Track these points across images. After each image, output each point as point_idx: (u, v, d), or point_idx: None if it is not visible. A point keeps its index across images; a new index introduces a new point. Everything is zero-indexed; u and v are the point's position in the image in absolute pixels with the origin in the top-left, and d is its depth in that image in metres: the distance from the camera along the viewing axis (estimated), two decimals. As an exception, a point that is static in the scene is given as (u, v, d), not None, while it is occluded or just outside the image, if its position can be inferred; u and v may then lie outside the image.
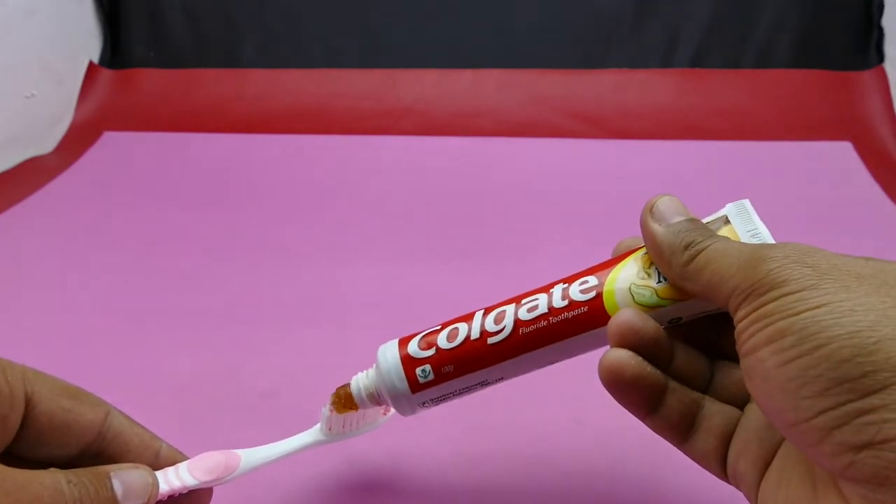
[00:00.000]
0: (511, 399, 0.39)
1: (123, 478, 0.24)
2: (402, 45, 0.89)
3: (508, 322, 0.27)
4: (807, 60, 0.84)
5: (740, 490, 0.24)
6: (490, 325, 0.27)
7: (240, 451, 0.29)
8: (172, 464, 0.27)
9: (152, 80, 0.90)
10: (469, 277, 0.54)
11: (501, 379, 0.28)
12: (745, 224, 0.26)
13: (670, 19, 0.85)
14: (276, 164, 0.76)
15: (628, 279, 0.26)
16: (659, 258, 0.25)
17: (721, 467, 0.24)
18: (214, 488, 0.28)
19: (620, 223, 0.63)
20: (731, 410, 0.25)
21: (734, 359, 0.24)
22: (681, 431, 0.25)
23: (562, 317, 0.26)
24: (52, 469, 0.22)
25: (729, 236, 0.24)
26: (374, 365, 0.29)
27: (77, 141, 0.83)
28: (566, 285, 0.27)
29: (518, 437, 0.36)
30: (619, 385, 0.24)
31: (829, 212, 0.64)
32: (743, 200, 0.27)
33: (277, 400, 0.40)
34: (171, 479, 0.26)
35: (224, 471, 0.28)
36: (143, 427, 0.28)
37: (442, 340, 0.28)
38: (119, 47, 0.93)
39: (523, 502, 0.33)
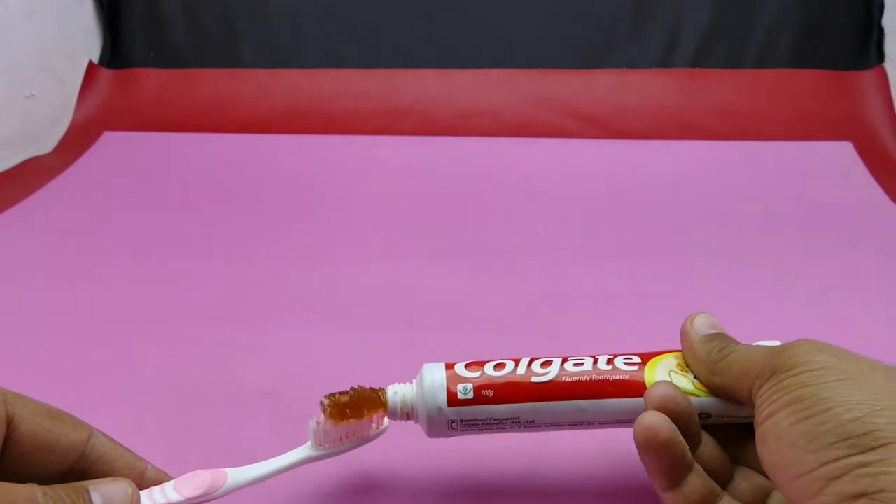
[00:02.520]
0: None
1: (102, 490, 0.24)
2: (402, 45, 0.89)
3: (554, 369, 0.29)
4: (807, 60, 0.84)
5: None
6: (536, 369, 0.29)
7: (228, 470, 0.29)
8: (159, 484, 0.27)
9: (152, 80, 0.90)
10: (469, 277, 0.54)
11: (532, 423, 0.29)
12: None
13: (670, 19, 0.85)
14: (276, 164, 0.76)
15: (668, 366, 0.29)
16: (694, 359, 0.28)
17: None
18: None
19: (621, 223, 0.63)
20: None
21: (755, 468, 0.27)
22: None
23: (603, 377, 0.28)
24: (29, 483, 0.22)
25: None
26: (415, 378, 0.31)
27: (77, 141, 0.83)
28: (611, 356, 0.29)
29: (517, 438, 0.36)
30: (651, 445, 0.26)
31: (829, 212, 0.64)
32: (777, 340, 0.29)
33: (277, 400, 0.40)
34: (157, 497, 0.26)
35: (210, 488, 0.27)
36: (127, 449, 0.28)
37: (489, 368, 0.29)
38: (119, 47, 0.93)
39: (522, 503, 0.33)
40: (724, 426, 0.28)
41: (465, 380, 0.29)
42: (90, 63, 0.91)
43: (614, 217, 0.64)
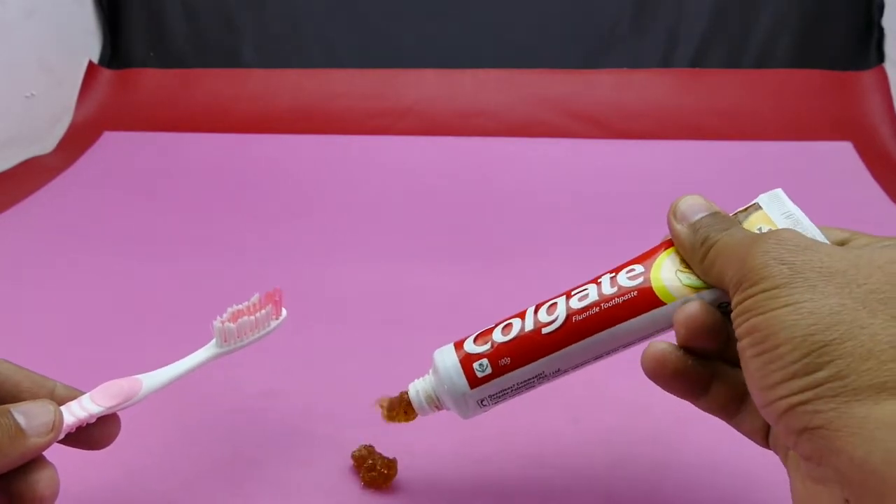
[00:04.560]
0: (509, 400, 0.39)
1: (24, 410, 0.25)
2: (402, 45, 0.89)
3: (561, 312, 0.27)
4: (807, 60, 0.84)
5: (778, 455, 0.25)
6: (543, 317, 0.28)
7: (140, 376, 0.29)
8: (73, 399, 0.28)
9: (152, 80, 0.90)
10: (469, 276, 0.54)
11: (559, 371, 0.28)
12: (779, 208, 0.27)
13: (670, 19, 0.85)
14: (276, 164, 0.76)
15: (673, 266, 0.27)
16: (684, 253, 0.27)
17: (765, 439, 0.26)
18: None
19: (621, 222, 0.63)
20: None
21: None
22: (729, 411, 0.27)
23: (613, 302, 0.27)
24: None
25: (761, 222, 0.26)
26: (431, 369, 0.30)
27: (77, 141, 0.83)
28: (613, 274, 0.28)
29: (517, 438, 0.36)
30: (660, 378, 0.26)
31: (829, 212, 0.63)
32: (776, 190, 0.28)
33: (277, 400, 0.40)
34: (76, 410, 0.27)
35: (126, 396, 0.28)
36: (31, 371, 0.28)
37: (497, 335, 0.28)
38: (119, 47, 0.93)
39: (522, 503, 0.33)
40: None
41: (478, 356, 0.28)
42: (90, 63, 0.91)
43: (614, 217, 0.64)
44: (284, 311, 0.32)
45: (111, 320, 0.49)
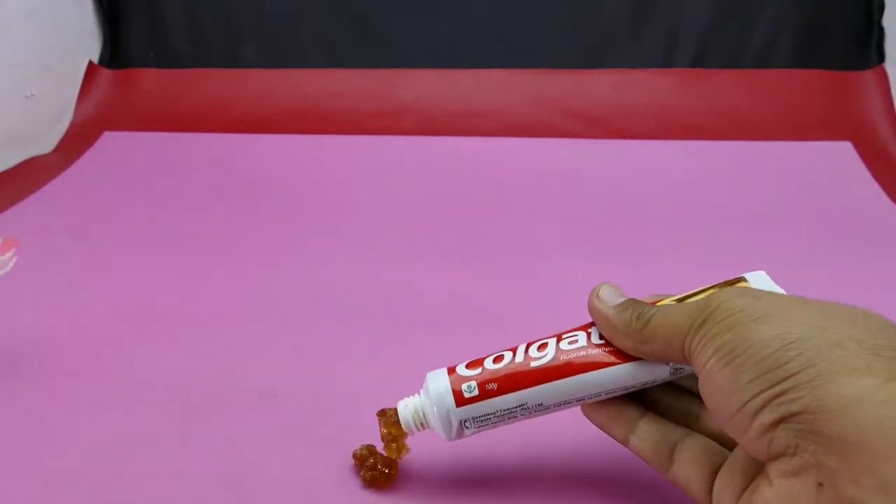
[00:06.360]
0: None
1: None
2: (402, 45, 0.89)
3: (551, 350, 0.29)
4: (807, 60, 0.84)
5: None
6: (533, 353, 0.29)
7: None
8: None
9: (152, 80, 0.90)
10: (468, 276, 0.54)
11: (541, 406, 0.29)
12: (764, 286, 0.29)
13: (670, 19, 0.85)
14: (276, 164, 0.76)
15: None
16: (613, 332, 0.28)
17: (705, 490, 0.27)
18: None
19: (620, 223, 0.63)
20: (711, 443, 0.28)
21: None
22: (660, 456, 0.29)
23: (600, 350, 0.29)
24: None
25: None
26: (422, 389, 0.31)
27: (77, 141, 0.83)
28: None
29: (518, 438, 0.36)
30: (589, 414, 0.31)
31: (829, 212, 0.64)
32: (760, 272, 0.30)
33: (277, 400, 0.40)
34: None
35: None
36: None
37: (488, 362, 0.30)
38: (119, 47, 0.93)
39: (523, 503, 0.33)
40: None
41: (467, 379, 0.29)
42: (90, 63, 0.91)
43: (614, 217, 0.64)
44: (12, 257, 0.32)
45: (110, 320, 0.49)
